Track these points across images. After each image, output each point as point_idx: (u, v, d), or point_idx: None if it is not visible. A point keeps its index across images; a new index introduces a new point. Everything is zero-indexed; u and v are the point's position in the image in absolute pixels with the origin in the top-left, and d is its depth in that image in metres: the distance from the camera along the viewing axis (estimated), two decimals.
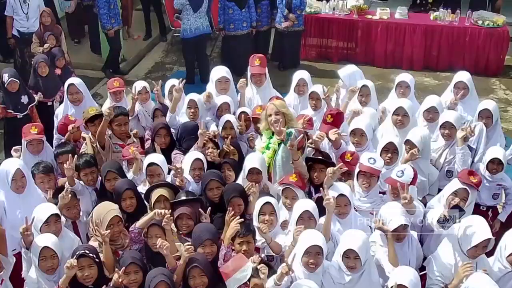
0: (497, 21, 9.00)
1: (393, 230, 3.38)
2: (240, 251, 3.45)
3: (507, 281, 3.45)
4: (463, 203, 3.74)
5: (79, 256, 3.25)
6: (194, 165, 4.17)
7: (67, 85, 5.32)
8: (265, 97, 5.22)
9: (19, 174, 3.92)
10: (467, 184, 3.80)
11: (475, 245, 3.25)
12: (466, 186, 3.79)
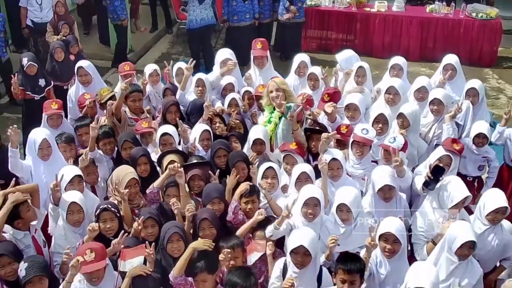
0: (490, 14, 9.40)
1: (378, 190, 3.79)
2: (246, 209, 3.87)
3: (486, 237, 3.84)
4: (447, 168, 4.14)
5: (103, 209, 3.67)
6: (202, 136, 4.58)
7: (76, 67, 5.73)
8: (267, 78, 5.59)
9: (45, 143, 4.33)
10: (450, 151, 4.21)
11: (456, 203, 3.65)
12: (449, 153, 4.20)
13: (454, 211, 3.65)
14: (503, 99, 8.54)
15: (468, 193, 3.73)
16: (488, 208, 3.76)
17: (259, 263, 3.70)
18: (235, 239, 3.61)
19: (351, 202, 3.60)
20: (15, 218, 3.59)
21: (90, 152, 4.30)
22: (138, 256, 3.37)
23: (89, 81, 5.64)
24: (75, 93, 5.68)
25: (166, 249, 3.58)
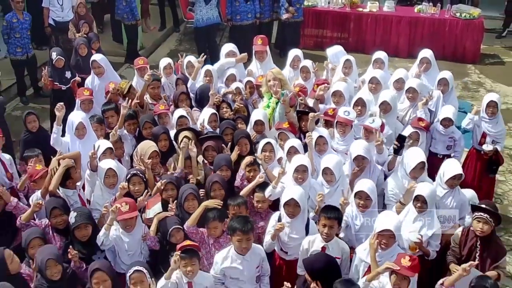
0: (473, 13, 10.25)
1: (353, 159, 4.65)
2: (249, 176, 4.74)
3: (446, 199, 4.69)
4: (416, 143, 5.01)
5: (133, 174, 4.54)
6: (210, 118, 5.44)
7: (91, 60, 6.59)
8: (267, 70, 6.41)
9: (81, 125, 5.20)
10: (417, 128, 5.07)
11: (413, 168, 4.52)
12: (417, 129, 5.06)
13: (413, 175, 4.51)
14: (482, 91, 9.37)
15: (422, 159, 4.58)
16: (447, 175, 4.62)
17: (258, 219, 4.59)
18: (240, 198, 4.48)
19: (333, 166, 4.47)
20: (66, 179, 4.47)
21: (118, 128, 5.18)
22: (157, 204, 4.26)
23: (102, 73, 6.50)
24: (91, 83, 6.54)
25: (183, 206, 4.45)
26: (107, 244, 4.09)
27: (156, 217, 4.21)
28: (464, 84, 9.65)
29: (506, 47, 11.11)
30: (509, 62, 10.52)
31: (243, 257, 4.01)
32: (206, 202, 4.37)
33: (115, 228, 4.16)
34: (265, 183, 4.65)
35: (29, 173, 4.74)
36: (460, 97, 9.05)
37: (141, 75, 6.38)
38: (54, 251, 3.85)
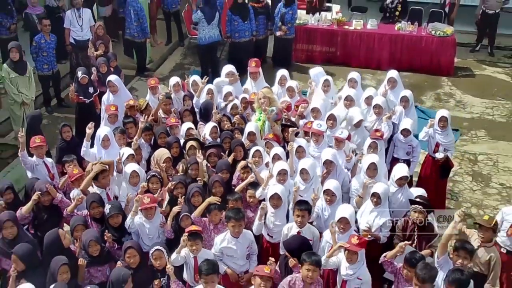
0: (446, 31, 11.55)
1: (323, 163, 5.95)
2: (243, 177, 6.04)
3: (396, 195, 5.98)
4: (376, 150, 6.31)
5: (152, 175, 5.85)
6: (212, 131, 6.74)
7: (107, 80, 7.88)
8: (260, 88, 7.79)
9: (106, 137, 6.49)
10: (375, 138, 6.38)
11: (367, 168, 5.83)
12: (375, 139, 6.37)
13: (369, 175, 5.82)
14: (452, 102, 10.70)
15: (372, 161, 5.86)
16: (396, 176, 5.94)
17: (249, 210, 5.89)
18: (237, 194, 5.76)
19: (308, 167, 5.78)
20: (97, 179, 5.79)
21: (137, 138, 6.49)
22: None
23: (116, 91, 7.78)
24: (107, 99, 7.83)
25: (190, 201, 5.75)
26: (133, 228, 5.40)
27: (171, 213, 5.50)
28: (437, 95, 10.95)
29: (478, 60, 12.42)
30: (479, 74, 11.82)
31: (236, 239, 5.31)
32: (208, 198, 5.68)
33: (139, 216, 5.46)
34: (255, 182, 5.96)
35: (69, 174, 6.05)
36: (431, 107, 10.42)
37: (153, 93, 7.70)
38: (95, 234, 5.17)
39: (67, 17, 10.34)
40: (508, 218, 5.74)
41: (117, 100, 7.63)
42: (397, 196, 5.99)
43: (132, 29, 10.98)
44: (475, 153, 9.02)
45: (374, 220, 5.64)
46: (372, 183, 5.77)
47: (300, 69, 11.71)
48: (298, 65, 11.93)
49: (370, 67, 11.81)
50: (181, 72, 11.72)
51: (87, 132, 6.47)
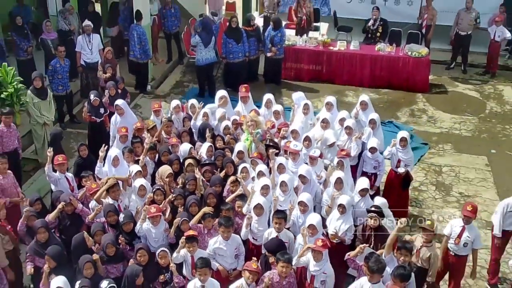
0: (421, 52, 12.83)
1: (298, 176, 7.23)
2: (232, 190, 7.30)
3: (360, 204, 7.26)
4: (342, 168, 7.58)
5: (157, 189, 7.12)
6: (207, 150, 8.01)
7: (115, 104, 9.11)
8: (249, 110, 9.07)
9: (116, 157, 7.75)
10: (341, 157, 7.65)
11: (334, 183, 7.10)
12: (341, 158, 7.65)
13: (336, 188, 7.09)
14: (424, 118, 11.98)
15: (338, 176, 7.12)
16: (358, 188, 7.23)
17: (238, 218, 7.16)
18: (228, 205, 7.01)
19: (287, 181, 7.06)
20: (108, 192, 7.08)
21: (144, 157, 7.77)
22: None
23: (122, 113, 8.97)
24: (114, 120, 9.05)
25: (188, 210, 7.02)
26: (142, 233, 6.67)
27: (174, 224, 6.75)
28: (411, 111, 12.23)
29: (452, 77, 13.72)
30: (452, 91, 13.11)
31: (226, 242, 6.57)
32: (204, 209, 6.93)
33: (147, 223, 6.73)
34: (243, 194, 7.23)
35: (87, 188, 7.33)
36: (405, 123, 11.72)
37: (156, 116, 8.96)
38: (111, 237, 6.44)
39: (78, 42, 11.64)
40: (455, 229, 7.00)
41: (123, 121, 8.88)
42: (360, 205, 7.26)
43: (136, 51, 12.27)
44: (440, 165, 10.29)
45: (340, 226, 6.91)
46: (338, 195, 7.05)
47: (289, 86, 13.03)
48: (287, 82, 13.25)
49: (352, 84, 13.11)
50: (181, 89, 13.05)
51: (100, 155, 7.74)
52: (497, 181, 9.82)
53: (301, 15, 13.94)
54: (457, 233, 6.94)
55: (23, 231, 6.89)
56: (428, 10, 13.53)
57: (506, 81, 13.51)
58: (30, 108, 9.11)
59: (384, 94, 12.85)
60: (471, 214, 6.85)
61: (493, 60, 13.65)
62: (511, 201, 7.31)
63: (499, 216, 7.31)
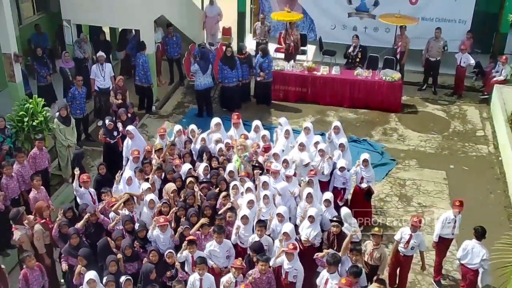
0: (394, 77, 14.71)
1: (277, 192, 9.12)
2: (224, 203, 9.16)
3: (325, 213, 9.13)
4: (312, 184, 9.44)
5: (164, 202, 9.00)
6: (204, 169, 9.88)
7: (126, 129, 10.98)
8: (240, 134, 10.95)
9: (129, 178, 9.62)
10: (310, 176, 9.53)
11: (305, 197, 8.98)
12: (310, 177, 9.52)
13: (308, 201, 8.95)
14: (395, 136, 13.85)
15: (309, 191, 9.00)
16: (323, 199, 9.11)
17: (229, 226, 9.03)
18: (220, 215, 8.87)
19: (269, 195, 8.94)
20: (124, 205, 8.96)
21: (152, 175, 9.65)
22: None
23: (132, 137, 10.85)
24: (126, 143, 10.92)
25: (189, 219, 8.88)
26: (152, 238, 8.54)
27: (178, 231, 8.61)
28: (384, 130, 14.10)
29: (423, 98, 15.61)
30: (422, 111, 15.00)
31: (219, 245, 8.43)
32: (201, 220, 8.78)
33: (156, 230, 8.59)
34: (233, 207, 9.09)
35: (107, 202, 9.19)
36: (378, 140, 13.60)
37: (161, 139, 10.81)
38: (129, 242, 8.32)
39: (92, 70, 13.52)
40: (405, 236, 8.86)
41: (134, 144, 10.75)
42: (325, 215, 9.14)
43: (140, 76, 14.18)
44: (404, 179, 12.17)
45: (310, 232, 8.78)
46: (309, 207, 8.92)
47: (278, 107, 14.94)
48: (276, 103, 15.13)
49: (334, 105, 14.99)
50: (182, 110, 14.93)
51: (116, 179, 9.61)
52: (451, 193, 11.68)
53: (289, 42, 15.83)
54: (406, 240, 8.81)
55: (56, 236, 8.76)
56: (402, 38, 15.39)
57: (470, 102, 15.40)
58: (56, 133, 10.98)
59: (362, 114, 14.73)
60: (417, 224, 8.72)
61: (460, 83, 15.54)
62: (450, 214, 9.18)
63: (438, 225, 9.19)
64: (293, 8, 16.63)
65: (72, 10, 14.22)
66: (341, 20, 16.95)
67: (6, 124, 10.49)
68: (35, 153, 10.17)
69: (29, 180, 9.63)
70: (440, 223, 9.19)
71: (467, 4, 15.96)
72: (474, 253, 8.62)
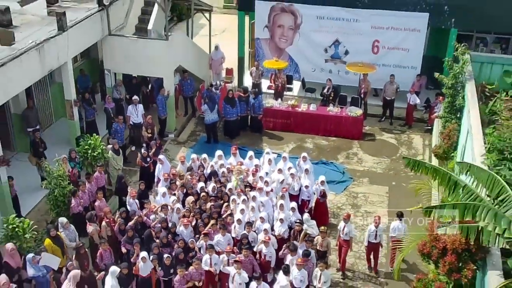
0: (357, 113, 19.90)
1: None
2: (226, 210, 14.38)
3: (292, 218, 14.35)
4: (284, 197, 14.63)
5: (186, 209, 14.23)
6: (213, 188, 15.08)
7: (158, 158, 16.23)
8: (237, 161, 16.19)
9: (164, 192, 14.85)
10: (283, 192, 14.70)
11: (279, 206, 14.19)
12: (283, 193, 14.70)
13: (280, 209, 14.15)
14: (355, 159, 19.02)
15: (281, 202, 14.21)
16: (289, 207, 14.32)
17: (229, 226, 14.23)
18: (223, 219, 14.09)
19: (255, 206, 14.17)
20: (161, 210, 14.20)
21: (178, 191, 14.87)
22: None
23: (162, 163, 16.11)
24: (158, 167, 16.17)
25: (203, 221, 14.07)
26: (179, 232, 13.75)
27: (195, 227, 13.86)
28: (347, 154, 19.28)
29: (381, 128, 20.78)
30: (379, 139, 20.17)
31: (223, 237, 13.59)
32: (211, 221, 13.97)
33: (182, 227, 13.79)
34: (231, 213, 14.28)
35: (149, 208, 14.40)
36: (342, 163, 18.79)
37: (182, 164, 16.04)
38: (165, 234, 13.55)
39: (129, 109, 18.79)
40: (341, 226, 14.02)
41: (163, 168, 15.99)
42: (292, 219, 14.32)
43: (159, 110, 19.45)
44: (357, 193, 17.34)
45: (281, 229, 13.95)
46: (281, 213, 14.11)
47: (268, 134, 20.17)
48: (267, 132, 20.33)
49: (311, 133, 20.19)
50: (195, 137, 20.18)
51: (152, 194, 14.86)
52: (390, 203, 16.81)
53: (277, 83, 21.05)
54: (342, 228, 13.98)
55: (117, 231, 13.96)
56: (365, 82, 20.57)
57: (417, 132, 20.57)
58: (110, 160, 16.24)
59: (332, 141, 19.93)
60: (347, 217, 13.87)
61: (410, 116, 20.72)
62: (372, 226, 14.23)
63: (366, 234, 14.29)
64: (280, 56, 21.87)
65: (112, 62, 19.51)
66: (320, 65, 22.11)
67: (76, 155, 15.74)
68: (97, 175, 15.41)
69: (94, 193, 14.86)
70: (367, 233, 14.27)
71: (417, 54, 21.04)
72: (399, 228, 13.70)
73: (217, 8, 31.53)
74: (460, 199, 10.02)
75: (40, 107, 18.88)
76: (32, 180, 16.18)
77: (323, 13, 21.13)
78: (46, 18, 17.44)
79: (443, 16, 20.24)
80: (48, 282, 12.47)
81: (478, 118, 14.74)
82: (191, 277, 12.82)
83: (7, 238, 12.67)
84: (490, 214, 9.10)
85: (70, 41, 16.77)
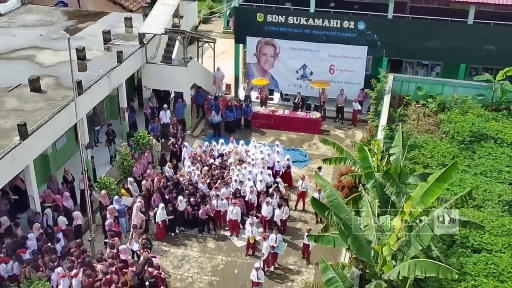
0: (317, 116, 30.23)
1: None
2: (227, 175, 24.62)
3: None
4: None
5: (204, 174, 24.47)
6: (219, 162, 25.30)
7: (183, 144, 26.52)
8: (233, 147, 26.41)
9: (189, 165, 25.08)
10: (263, 163, 24.93)
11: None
12: (263, 165, 24.93)
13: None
14: (314, 147, 29.32)
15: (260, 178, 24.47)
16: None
17: None
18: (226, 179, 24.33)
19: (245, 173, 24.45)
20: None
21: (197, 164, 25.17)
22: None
23: (186, 147, 26.43)
24: (184, 150, 26.48)
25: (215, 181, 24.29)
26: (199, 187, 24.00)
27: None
28: (309, 143, 29.65)
29: (335, 126, 31.16)
30: (332, 134, 30.47)
31: (225, 189, 23.80)
32: (219, 181, 24.17)
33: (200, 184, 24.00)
34: (230, 177, 24.49)
35: (180, 173, 24.58)
36: (305, 149, 29.15)
37: (199, 148, 26.28)
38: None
39: (161, 114, 29.12)
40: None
41: (187, 150, 26.33)
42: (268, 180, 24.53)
43: (177, 113, 29.70)
44: (312, 168, 27.53)
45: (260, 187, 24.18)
46: (260, 177, 24.33)
47: (255, 130, 30.56)
48: (254, 128, 30.64)
49: (285, 130, 30.50)
50: (204, 132, 30.45)
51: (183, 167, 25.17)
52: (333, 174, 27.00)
53: (262, 95, 31.39)
54: (301, 184, 24.24)
55: (162, 186, 24.11)
56: (323, 94, 30.92)
57: (359, 129, 30.83)
58: (154, 145, 26.48)
59: (300, 136, 30.29)
60: (303, 178, 24.16)
61: (354, 118, 31.04)
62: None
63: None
64: (265, 76, 32.22)
65: (148, 80, 29.86)
66: (293, 82, 32.42)
67: (132, 143, 26.03)
68: (146, 155, 25.63)
69: (145, 165, 25.06)
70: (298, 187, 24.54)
71: (360, 74, 31.29)
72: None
73: (217, 33, 42.08)
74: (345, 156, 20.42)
75: (100, 112, 29.12)
76: (102, 158, 26.44)
77: (295, 45, 31.46)
78: (105, 52, 27.73)
79: (377, 48, 30.60)
80: (125, 212, 22.65)
81: (386, 119, 25.05)
82: (207, 211, 23.06)
83: (100, 188, 22.89)
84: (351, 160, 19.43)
85: (124, 68, 27.07)
